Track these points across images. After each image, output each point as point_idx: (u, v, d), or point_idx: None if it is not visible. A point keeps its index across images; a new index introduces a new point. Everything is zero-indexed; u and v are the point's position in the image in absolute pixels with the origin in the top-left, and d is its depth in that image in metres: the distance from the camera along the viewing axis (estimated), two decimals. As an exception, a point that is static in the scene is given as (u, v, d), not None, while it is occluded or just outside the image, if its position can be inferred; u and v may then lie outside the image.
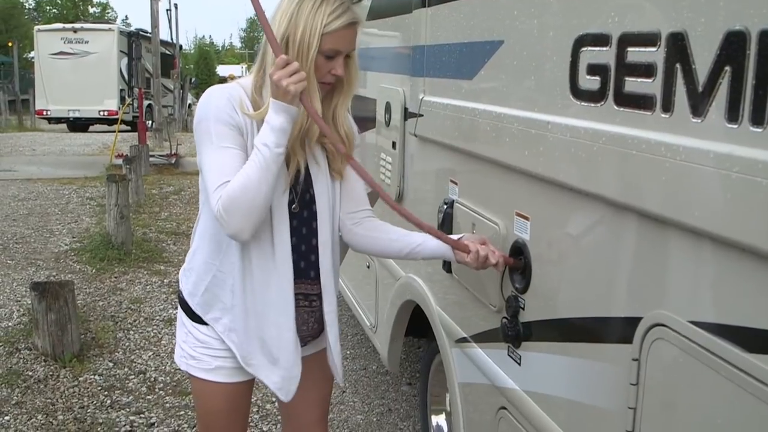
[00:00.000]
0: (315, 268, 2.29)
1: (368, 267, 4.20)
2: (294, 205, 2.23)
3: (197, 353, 2.35)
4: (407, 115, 3.29)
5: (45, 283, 5.01)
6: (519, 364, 2.25)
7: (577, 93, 1.84)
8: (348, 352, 5.24)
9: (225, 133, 2.09)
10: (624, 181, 1.65)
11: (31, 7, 53.00)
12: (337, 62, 2.16)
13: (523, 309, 2.20)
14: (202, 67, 68.19)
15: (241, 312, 2.25)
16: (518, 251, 2.22)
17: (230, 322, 2.28)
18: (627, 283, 1.71)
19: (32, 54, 27.73)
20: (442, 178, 2.92)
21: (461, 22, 2.69)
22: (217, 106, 2.11)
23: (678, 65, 1.47)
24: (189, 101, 29.06)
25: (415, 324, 3.55)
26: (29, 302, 5.31)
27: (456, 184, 2.76)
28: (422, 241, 2.30)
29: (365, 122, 4.09)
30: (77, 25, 26.50)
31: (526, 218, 2.17)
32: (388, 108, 3.58)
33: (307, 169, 2.24)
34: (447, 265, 2.79)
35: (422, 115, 3.05)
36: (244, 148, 2.11)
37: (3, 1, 51.42)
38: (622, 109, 1.66)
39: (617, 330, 1.73)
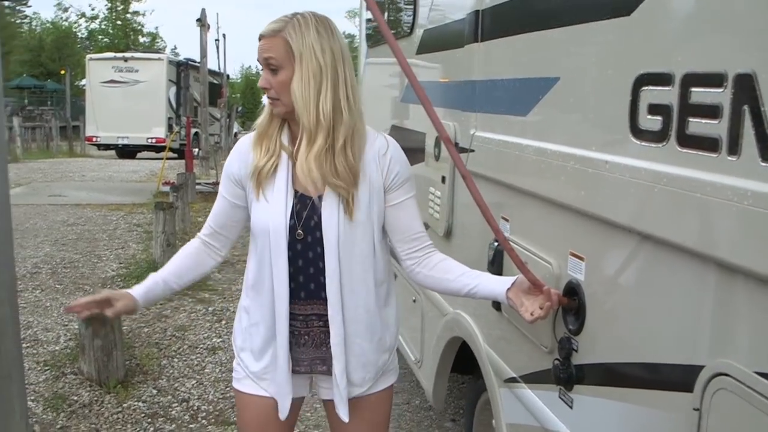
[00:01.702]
0: (326, 289, 2.26)
1: (414, 301, 4.17)
2: (297, 231, 2.24)
3: (234, 364, 2.48)
4: (458, 149, 3.26)
5: (92, 309, 5.05)
6: (571, 407, 2.20)
7: (637, 132, 1.81)
8: (391, 386, 5.19)
9: (225, 184, 2.37)
10: (687, 225, 1.61)
11: (83, 36, 54.13)
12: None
13: (576, 351, 2.15)
14: (248, 96, 69.23)
15: (259, 329, 2.34)
16: (572, 292, 2.17)
17: (242, 342, 2.43)
18: (688, 330, 1.66)
19: (84, 82, 28.28)
20: (494, 215, 2.89)
21: (515, 58, 2.67)
22: (229, 158, 2.38)
23: (746, 107, 1.43)
24: (235, 130, 29.43)
25: (461, 360, 3.50)
26: (76, 327, 5.36)
27: (507, 221, 2.73)
28: (476, 284, 2.26)
29: (415, 154, 4.08)
30: (128, 54, 27.06)
31: (581, 258, 2.13)
32: (438, 142, 3.57)
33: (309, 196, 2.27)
34: (497, 303, 2.75)
35: (473, 150, 3.02)
36: (239, 198, 2.34)
37: (57, 30, 52.67)
38: (685, 150, 1.62)
39: (677, 378, 1.68)
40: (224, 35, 26.83)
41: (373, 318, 2.32)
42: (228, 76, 31.95)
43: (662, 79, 1.70)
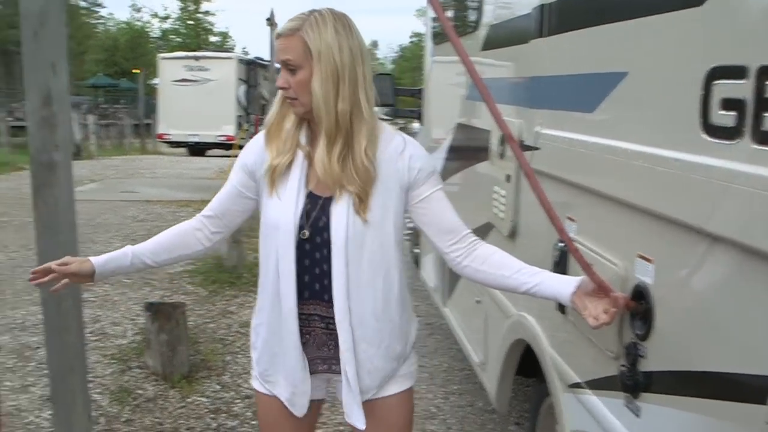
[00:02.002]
0: (329, 291, 2.23)
1: (478, 302, 4.10)
2: (303, 231, 2.21)
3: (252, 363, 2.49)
4: (523, 147, 3.19)
5: (158, 303, 5.13)
6: (637, 416, 2.11)
7: (710, 129, 1.72)
8: (455, 387, 5.14)
9: (237, 172, 2.34)
10: (763, 227, 1.52)
11: (156, 36, 55.24)
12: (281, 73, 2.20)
13: (644, 357, 2.07)
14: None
15: (261, 330, 2.36)
16: (639, 295, 2.09)
17: (253, 341, 2.43)
18: (762, 338, 1.57)
19: (156, 80, 28.84)
20: (559, 215, 2.80)
21: (580, 53, 2.59)
22: (246, 148, 2.36)
23: (828, 102, 1.34)
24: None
25: (526, 363, 3.43)
26: (143, 321, 5.43)
27: (573, 221, 2.65)
28: (537, 282, 2.18)
29: (479, 153, 4.02)
30: (199, 54, 27.50)
31: (650, 260, 2.04)
32: (502, 140, 3.50)
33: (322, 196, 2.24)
34: (561, 305, 2.67)
35: (538, 148, 2.95)
36: (249, 189, 2.32)
37: (131, 30, 53.87)
38: (760, 147, 1.53)
39: (749, 389, 1.59)
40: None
41: (382, 324, 2.27)
42: (297, 74, 32.12)
43: (736, 73, 1.61)
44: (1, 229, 10.05)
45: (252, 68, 27.03)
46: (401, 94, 7.89)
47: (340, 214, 2.18)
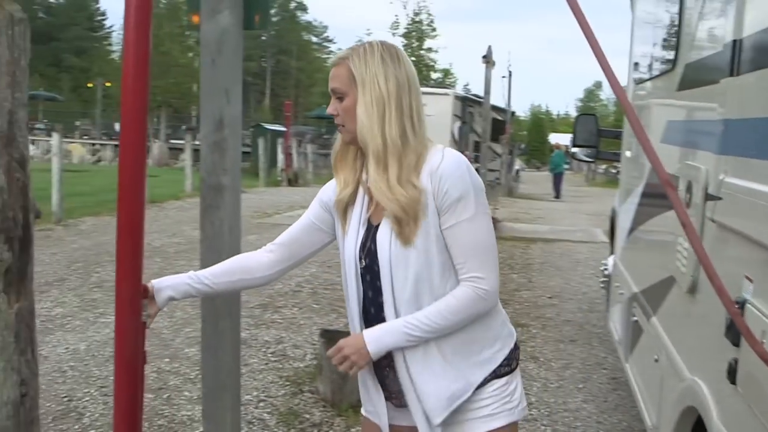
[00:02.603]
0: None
1: (656, 360, 3.79)
2: (361, 260, 2.29)
3: None
4: (707, 196, 2.92)
5: (334, 331, 5.17)
6: None
7: None
8: (629, 451, 4.81)
9: (314, 206, 2.43)
10: None
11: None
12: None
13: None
14: (534, 134, 69.30)
15: None
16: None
17: None
18: None
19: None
20: (736, 273, 2.52)
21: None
22: (327, 184, 2.43)
23: None
24: (517, 167, 29.47)
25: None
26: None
27: (751, 281, 2.36)
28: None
29: (667, 201, 3.74)
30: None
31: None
32: (689, 187, 3.22)
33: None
34: (731, 375, 2.38)
35: (720, 198, 2.67)
36: (325, 222, 2.41)
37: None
38: None
39: None
40: (510, 72, 27.06)
41: (428, 346, 2.25)
42: (513, 112, 32.12)
43: None
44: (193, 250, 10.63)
45: (466, 105, 27.23)
46: (605, 135, 7.60)
47: (384, 236, 2.23)
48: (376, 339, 2.21)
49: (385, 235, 2.23)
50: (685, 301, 3.21)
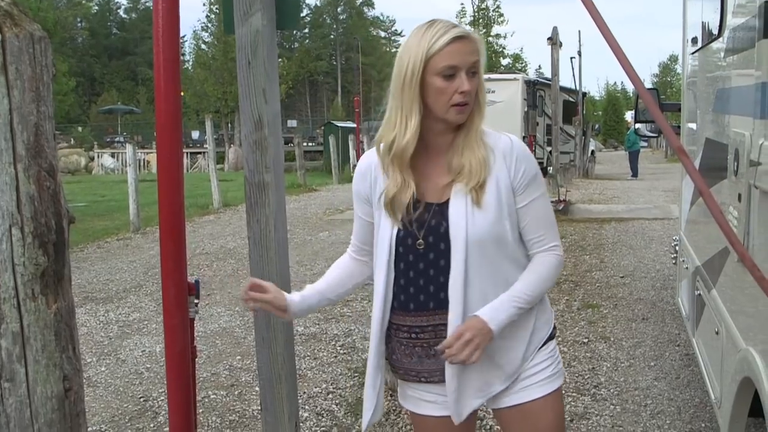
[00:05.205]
0: (434, 299, 2.25)
1: (717, 333, 3.73)
2: (419, 241, 2.25)
3: None
4: (750, 163, 2.87)
5: (399, 321, 5.21)
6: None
7: None
8: (702, 425, 4.71)
9: (356, 203, 2.44)
10: None
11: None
12: (459, 79, 2.19)
13: None
14: (610, 113, 68.02)
15: None
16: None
17: None
18: None
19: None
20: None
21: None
22: (354, 180, 2.43)
23: None
24: (592, 147, 29.01)
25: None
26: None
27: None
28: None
29: (721, 171, 3.67)
30: (485, 76, 27.83)
31: None
32: (736, 155, 3.16)
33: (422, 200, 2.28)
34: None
35: (760, 164, 2.63)
36: (369, 215, 2.39)
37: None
38: None
39: None
40: (579, 52, 26.66)
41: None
42: (584, 93, 31.62)
43: None
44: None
45: (536, 88, 26.94)
46: (667, 109, 7.46)
47: (457, 212, 2.21)
48: (493, 317, 2.18)
49: (459, 209, 2.21)
50: (738, 271, 3.16)
